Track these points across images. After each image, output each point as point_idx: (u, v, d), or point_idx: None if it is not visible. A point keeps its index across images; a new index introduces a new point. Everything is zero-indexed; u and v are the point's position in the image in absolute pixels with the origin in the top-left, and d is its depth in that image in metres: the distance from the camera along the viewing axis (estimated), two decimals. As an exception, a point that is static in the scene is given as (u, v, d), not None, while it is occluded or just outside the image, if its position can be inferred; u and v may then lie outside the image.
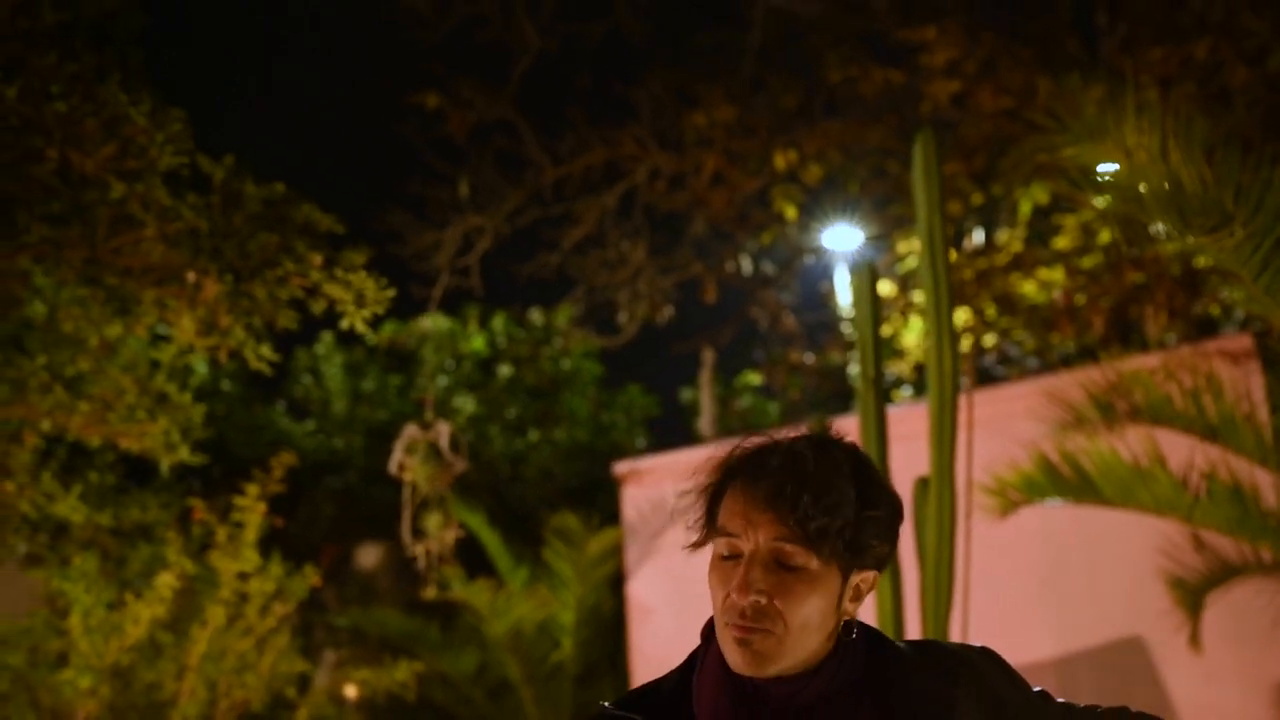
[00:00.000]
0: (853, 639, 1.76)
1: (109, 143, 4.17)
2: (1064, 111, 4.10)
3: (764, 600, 1.65)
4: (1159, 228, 3.76)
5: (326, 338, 13.60)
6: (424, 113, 9.33)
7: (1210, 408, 4.74)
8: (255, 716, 7.16)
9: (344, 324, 4.84)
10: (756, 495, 1.67)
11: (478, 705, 8.82)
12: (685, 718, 1.76)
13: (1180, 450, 4.96)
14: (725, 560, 1.70)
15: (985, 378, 11.39)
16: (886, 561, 1.77)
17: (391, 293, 4.84)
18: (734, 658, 1.68)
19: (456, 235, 9.52)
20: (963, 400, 4.97)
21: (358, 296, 4.78)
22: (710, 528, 1.74)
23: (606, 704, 1.84)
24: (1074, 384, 5.33)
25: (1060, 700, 1.89)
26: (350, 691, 8.08)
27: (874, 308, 4.85)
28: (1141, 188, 3.53)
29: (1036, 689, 1.87)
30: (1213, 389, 4.76)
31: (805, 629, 1.68)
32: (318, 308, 4.82)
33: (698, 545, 1.76)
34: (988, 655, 1.88)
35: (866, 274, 4.89)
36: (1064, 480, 4.93)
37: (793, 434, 1.75)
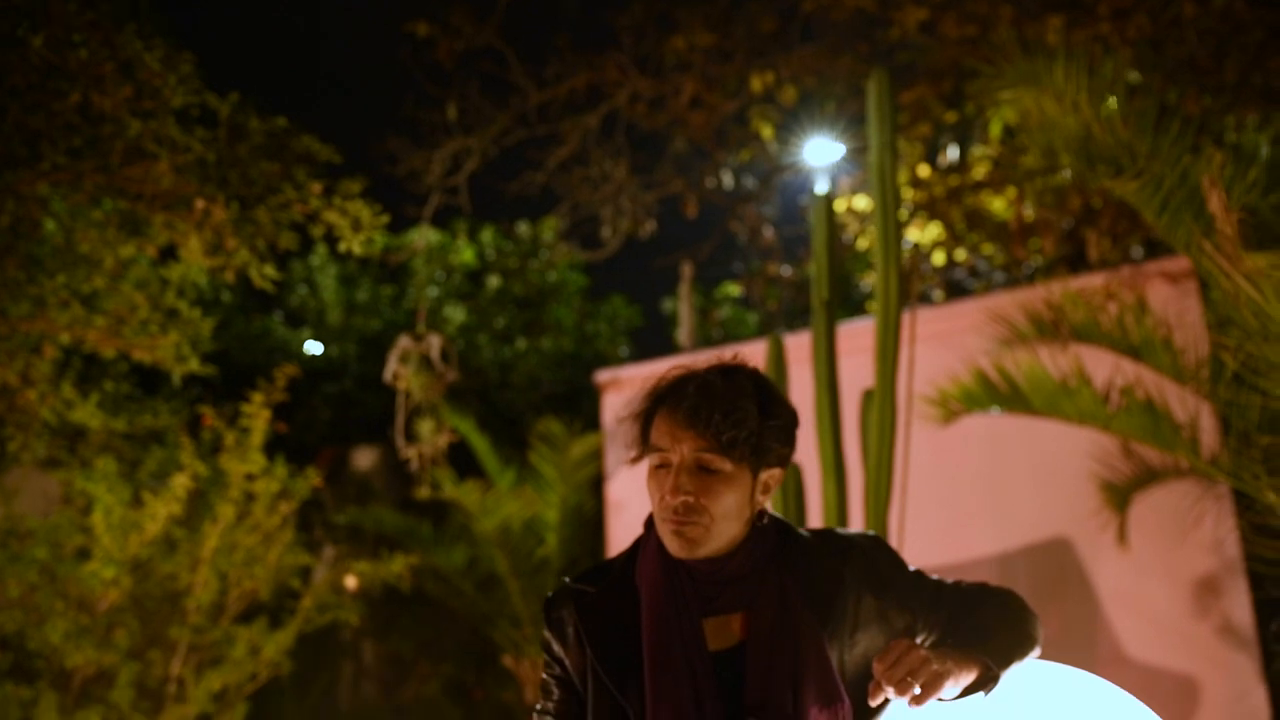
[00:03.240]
0: (764, 525, 2.21)
1: (126, 85, 4.48)
2: (1005, 56, 4.44)
3: (691, 499, 2.06)
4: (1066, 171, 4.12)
5: (321, 249, 13.81)
6: (415, 41, 9.51)
7: (1133, 329, 5.10)
8: (263, 605, 7.57)
9: (341, 247, 5.22)
10: (678, 417, 2.07)
11: (468, 596, 9.09)
12: (630, 589, 2.20)
13: (1112, 365, 5.34)
14: (658, 469, 2.11)
15: (956, 290, 11.69)
16: (788, 459, 2.18)
17: (386, 219, 5.19)
18: (671, 545, 2.10)
19: (446, 156, 9.73)
20: (911, 317, 5.36)
21: (354, 222, 5.17)
22: (644, 445, 2.14)
23: (568, 579, 2.30)
24: (1014, 304, 5.68)
25: (934, 577, 2.34)
26: (350, 582, 8.40)
27: (830, 236, 5.15)
28: (1053, 134, 3.90)
29: (913, 569, 2.29)
30: (1135, 311, 5.11)
31: (726, 518, 2.09)
32: (317, 232, 5.18)
33: (635, 460, 2.18)
34: (875, 541, 2.31)
35: (823, 205, 5.20)
36: (999, 393, 5.29)
37: (705, 364, 2.17)
